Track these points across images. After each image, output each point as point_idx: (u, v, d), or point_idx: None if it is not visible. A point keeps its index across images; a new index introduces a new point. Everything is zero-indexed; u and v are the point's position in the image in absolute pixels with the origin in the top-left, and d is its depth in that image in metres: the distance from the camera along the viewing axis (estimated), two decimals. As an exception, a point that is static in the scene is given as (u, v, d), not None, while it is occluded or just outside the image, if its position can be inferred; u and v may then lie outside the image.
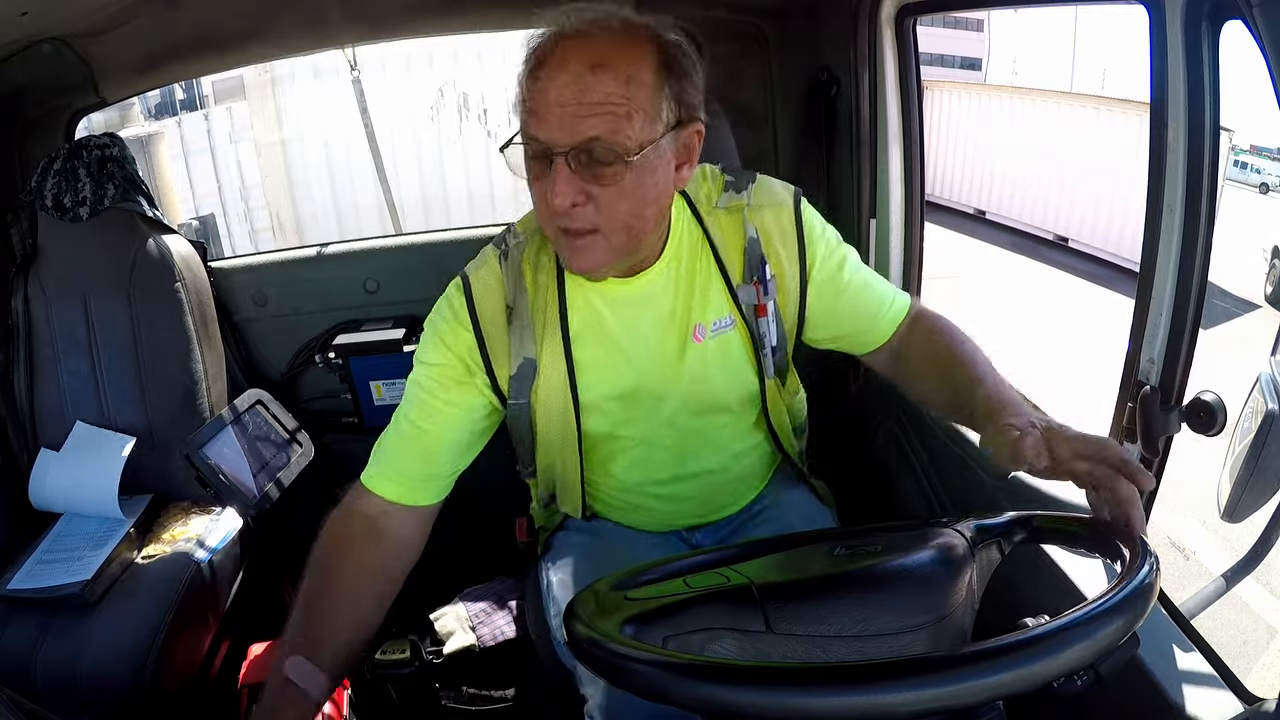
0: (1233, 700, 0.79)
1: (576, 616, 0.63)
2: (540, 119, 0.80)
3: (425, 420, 0.95)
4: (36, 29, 1.39)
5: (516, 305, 0.96)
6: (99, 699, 1.22)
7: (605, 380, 0.98)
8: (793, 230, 1.00)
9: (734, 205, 0.99)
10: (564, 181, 0.80)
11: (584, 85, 0.78)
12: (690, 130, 0.86)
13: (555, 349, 0.96)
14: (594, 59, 0.79)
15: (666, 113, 0.82)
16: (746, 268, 0.98)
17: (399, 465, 0.95)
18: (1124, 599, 0.59)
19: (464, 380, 0.96)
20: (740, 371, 1.02)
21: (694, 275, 0.98)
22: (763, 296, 0.97)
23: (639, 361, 0.98)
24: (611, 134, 0.79)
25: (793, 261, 1.00)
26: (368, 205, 5.51)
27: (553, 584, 1.07)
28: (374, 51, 5.40)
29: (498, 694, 1.32)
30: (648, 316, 0.97)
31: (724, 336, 0.99)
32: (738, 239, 0.98)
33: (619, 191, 0.82)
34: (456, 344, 0.96)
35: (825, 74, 1.61)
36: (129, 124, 5.96)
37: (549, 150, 0.80)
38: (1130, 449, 0.97)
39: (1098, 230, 7.56)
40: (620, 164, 0.80)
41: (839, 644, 0.66)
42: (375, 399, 1.80)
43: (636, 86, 0.80)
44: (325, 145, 5.92)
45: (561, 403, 0.98)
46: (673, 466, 1.06)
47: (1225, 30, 0.81)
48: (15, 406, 1.58)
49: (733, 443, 1.08)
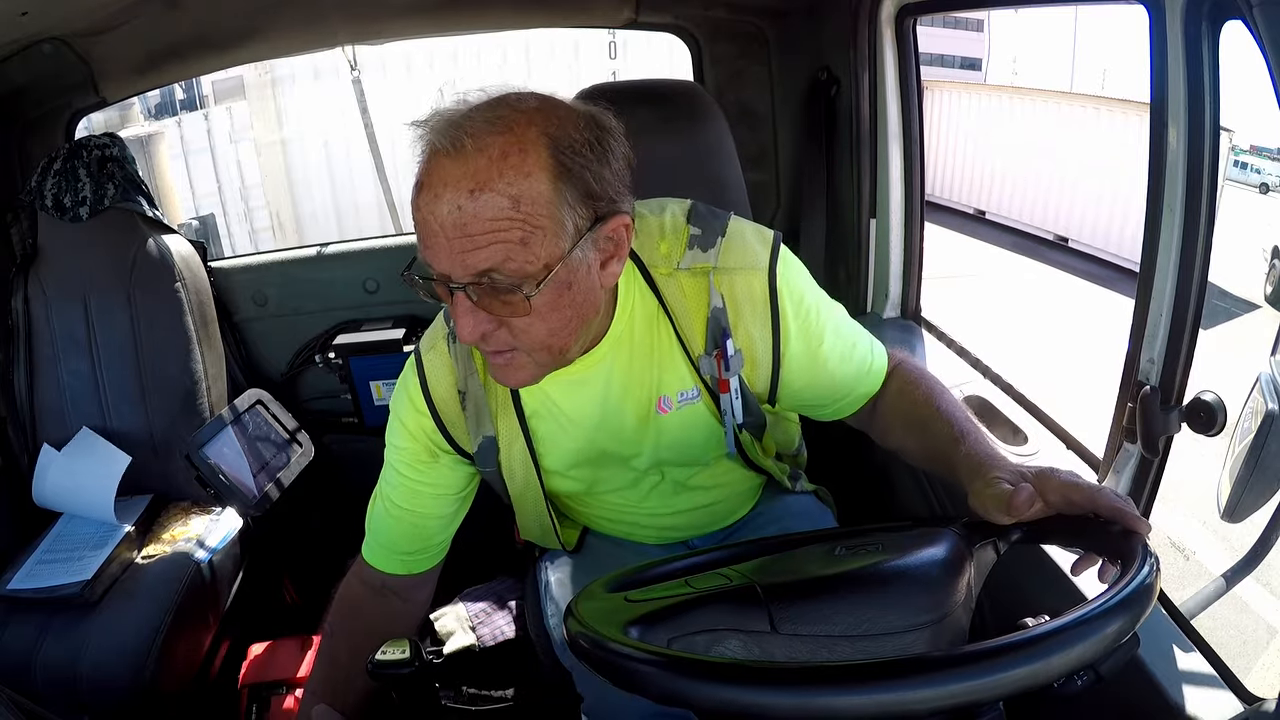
0: (1233, 700, 0.79)
1: (577, 619, 0.63)
2: (428, 248, 0.72)
3: (407, 502, 0.97)
4: (36, 29, 1.39)
5: (469, 388, 0.92)
6: (99, 699, 1.23)
7: (565, 451, 0.95)
8: (765, 301, 0.88)
9: (699, 267, 0.87)
10: (465, 315, 0.73)
11: (465, 215, 0.69)
12: (612, 224, 0.76)
13: (511, 425, 0.93)
14: (472, 183, 0.69)
15: (573, 220, 0.72)
16: (709, 339, 0.88)
17: (394, 546, 0.99)
18: (1124, 599, 0.59)
19: (431, 461, 0.95)
20: (711, 437, 0.95)
21: (651, 349, 0.89)
22: (724, 372, 0.87)
23: (598, 434, 0.94)
24: (506, 263, 0.70)
25: (764, 334, 0.89)
26: (368, 205, 5.52)
27: (551, 584, 1.07)
28: (374, 52, 5.41)
29: (498, 694, 1.32)
30: (597, 396, 0.91)
31: (691, 408, 0.92)
32: (700, 306, 0.87)
33: (531, 318, 0.75)
34: (417, 430, 0.94)
35: (825, 74, 1.61)
36: (129, 124, 5.96)
37: (445, 280, 0.73)
38: (1130, 449, 0.97)
39: (1098, 230, 7.55)
40: (522, 292, 0.72)
41: (844, 644, 0.66)
42: (375, 399, 1.80)
43: (528, 204, 0.70)
44: (325, 145, 5.93)
45: (524, 474, 0.97)
46: (657, 507, 1.04)
47: (1225, 30, 0.81)
48: (15, 406, 1.58)
49: (714, 483, 1.05)
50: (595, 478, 1.00)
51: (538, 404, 0.93)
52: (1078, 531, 0.75)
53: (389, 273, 1.82)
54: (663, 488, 1.02)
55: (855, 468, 1.40)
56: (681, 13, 1.71)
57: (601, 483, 1.00)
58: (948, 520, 0.78)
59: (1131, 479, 0.98)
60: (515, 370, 0.80)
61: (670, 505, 1.04)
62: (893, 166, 1.55)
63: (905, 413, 0.95)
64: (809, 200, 1.65)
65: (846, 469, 1.36)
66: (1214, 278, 0.90)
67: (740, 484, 1.09)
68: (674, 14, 1.71)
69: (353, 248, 1.85)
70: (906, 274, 1.61)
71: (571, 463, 0.97)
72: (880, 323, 1.61)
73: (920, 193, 1.56)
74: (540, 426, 0.94)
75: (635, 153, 0.79)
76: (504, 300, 0.73)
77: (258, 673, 1.32)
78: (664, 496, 1.03)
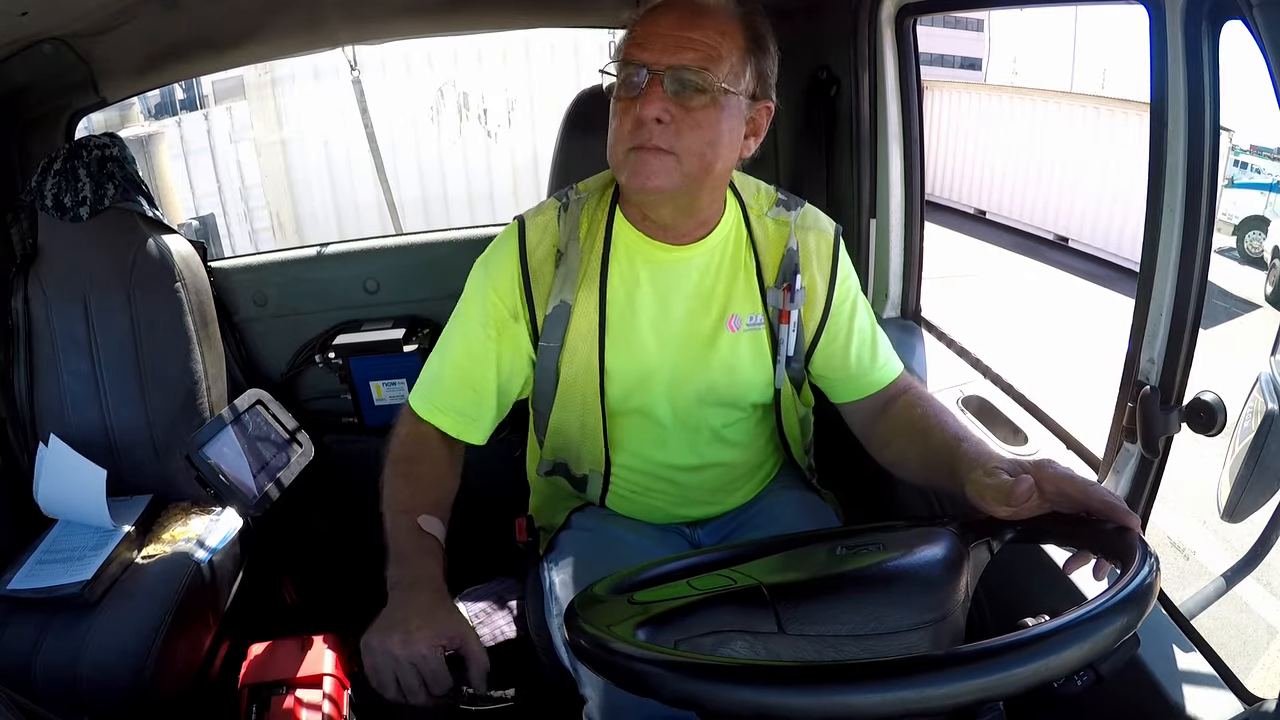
0: (1233, 700, 0.79)
1: (583, 622, 0.63)
2: (643, 46, 0.90)
3: (472, 360, 1.03)
4: (36, 29, 1.39)
5: (567, 251, 1.02)
6: (99, 699, 1.22)
7: (633, 347, 1.03)
8: (829, 257, 1.06)
9: (782, 219, 1.06)
10: (655, 96, 0.88)
11: (688, 23, 0.89)
12: (761, 106, 0.95)
13: (591, 298, 1.01)
14: (699, 9, 0.90)
15: (748, 78, 0.92)
16: (780, 274, 1.04)
17: (452, 402, 1.04)
18: (1124, 599, 0.59)
19: (508, 321, 1.03)
20: (763, 371, 1.06)
21: (734, 269, 1.04)
22: (788, 303, 1.03)
23: (667, 340, 1.03)
24: (703, 65, 0.88)
25: (824, 283, 1.06)
26: (368, 205, 5.52)
27: (555, 584, 1.07)
28: (374, 52, 5.40)
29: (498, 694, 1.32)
30: (681, 291, 1.02)
31: (753, 334, 1.05)
32: (779, 246, 1.05)
33: (699, 119, 0.89)
34: (505, 282, 1.02)
35: (825, 74, 1.61)
36: (129, 124, 5.97)
37: (647, 68, 0.89)
38: (1130, 449, 0.97)
39: (1098, 230, 7.55)
40: (706, 95, 0.89)
41: (850, 643, 0.66)
42: (375, 399, 1.80)
43: (729, 42, 0.89)
44: (325, 145, 5.92)
45: (586, 353, 1.03)
46: (685, 453, 1.09)
47: (1225, 30, 0.81)
48: (15, 406, 1.58)
49: (745, 440, 1.12)
50: (644, 398, 1.05)
51: (625, 285, 1.02)
52: (1071, 530, 0.75)
53: (389, 273, 1.82)
54: (699, 432, 1.08)
55: (857, 471, 1.40)
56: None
57: (648, 408, 1.06)
58: (944, 520, 0.79)
59: (1131, 479, 0.98)
60: (662, 170, 0.91)
61: (698, 456, 1.10)
62: (893, 166, 1.55)
63: (910, 423, 1.03)
64: (809, 200, 1.64)
65: (849, 473, 1.36)
66: (1214, 278, 0.90)
67: (763, 452, 1.15)
68: None
69: (353, 248, 1.85)
70: (906, 274, 1.61)
71: (633, 364, 1.03)
72: (880, 323, 1.60)
73: (920, 193, 1.56)
74: (616, 314, 1.02)
75: None
76: (685, 97, 0.89)
77: (258, 673, 1.32)
78: (695, 446, 1.09)
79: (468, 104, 5.94)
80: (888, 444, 1.06)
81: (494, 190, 6.03)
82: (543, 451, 1.15)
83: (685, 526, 1.17)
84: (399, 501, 0.96)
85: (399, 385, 1.78)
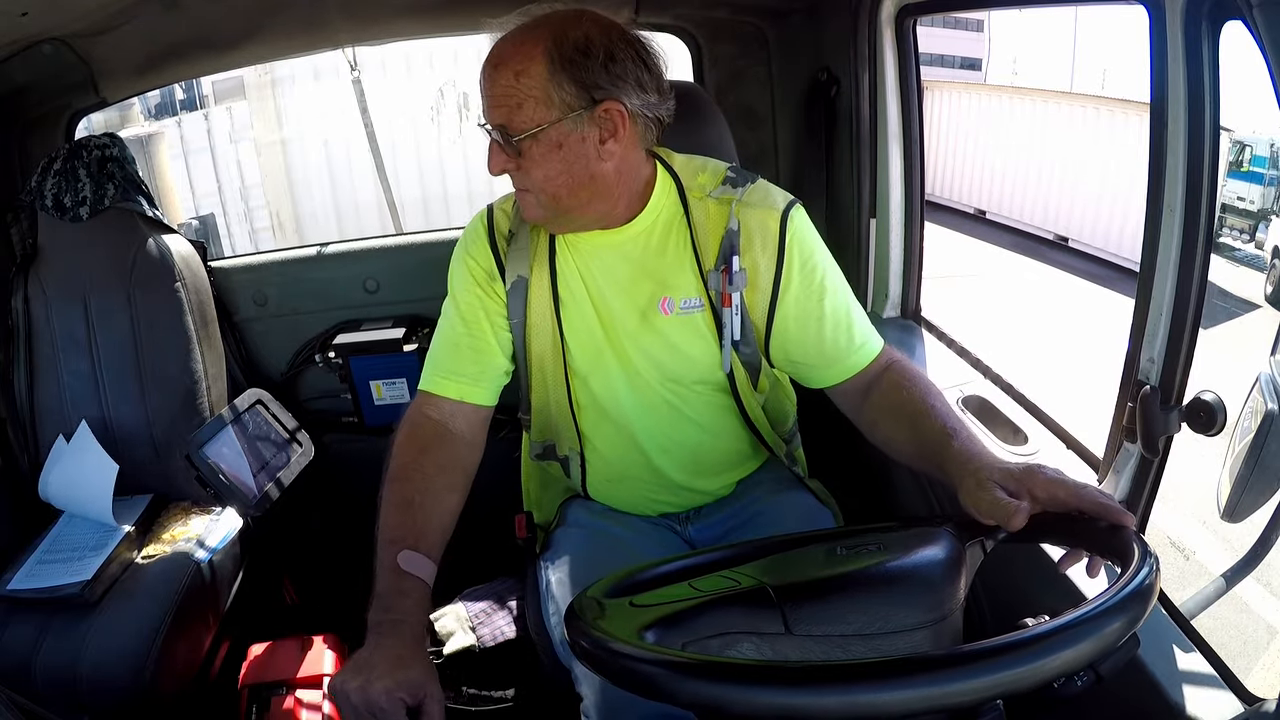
0: (1233, 700, 0.79)
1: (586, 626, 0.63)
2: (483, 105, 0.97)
3: (469, 325, 1.08)
4: (36, 29, 1.39)
5: (518, 231, 1.09)
6: (99, 699, 1.22)
7: (584, 318, 1.07)
8: (775, 236, 1.03)
9: (725, 198, 1.05)
10: (492, 154, 0.97)
11: (489, 78, 0.94)
12: (602, 109, 0.95)
13: (542, 273, 1.07)
14: (495, 60, 0.94)
15: (564, 97, 0.93)
16: (720, 257, 1.03)
17: (455, 367, 1.07)
18: (1124, 599, 0.59)
19: (488, 287, 1.09)
20: (707, 354, 1.07)
21: (665, 248, 1.05)
22: (727, 286, 1.02)
23: (608, 316, 1.07)
24: (508, 119, 0.94)
25: (769, 265, 1.04)
26: (368, 205, 5.51)
27: (551, 583, 1.08)
28: (374, 52, 5.40)
29: (498, 694, 1.32)
30: (614, 270, 1.06)
31: (692, 317, 1.05)
32: (718, 228, 1.04)
33: (533, 159, 0.95)
34: (479, 254, 1.09)
35: (825, 74, 1.61)
36: (129, 124, 5.96)
37: (486, 129, 0.96)
38: (1130, 449, 0.97)
39: (1097, 230, 7.55)
40: (524, 141, 0.94)
41: (857, 642, 0.66)
42: (375, 399, 1.80)
43: (527, 80, 0.92)
44: (325, 145, 5.93)
45: (549, 327, 1.07)
46: (650, 431, 1.12)
47: (1225, 30, 0.81)
48: (15, 406, 1.58)
49: (707, 421, 1.13)
50: (602, 373, 1.09)
51: (569, 263, 1.07)
52: (1067, 529, 0.76)
53: (389, 273, 1.82)
54: (659, 409, 1.10)
55: (853, 468, 1.40)
56: (681, 13, 1.71)
57: (606, 383, 1.09)
58: (939, 519, 0.79)
59: (1131, 479, 0.98)
60: (527, 206, 1.00)
61: (663, 435, 1.12)
62: (893, 166, 1.55)
63: (897, 405, 1.01)
64: (809, 200, 1.64)
65: (844, 470, 1.36)
66: (1214, 278, 0.90)
67: (732, 436, 1.15)
68: (674, 14, 1.71)
69: (353, 248, 1.85)
70: (906, 274, 1.61)
71: (587, 338, 1.07)
72: (880, 322, 1.61)
73: (920, 193, 1.56)
74: (566, 291, 1.07)
75: None
76: (508, 146, 0.95)
77: (258, 673, 1.32)
78: (661, 421, 1.11)
79: (468, 104, 5.94)
80: (875, 424, 1.04)
81: (494, 190, 6.00)
82: (531, 434, 1.19)
83: (674, 522, 1.17)
84: (387, 530, 0.94)
85: (399, 385, 1.78)
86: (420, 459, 1.00)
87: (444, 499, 0.99)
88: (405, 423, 1.05)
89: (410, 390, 1.78)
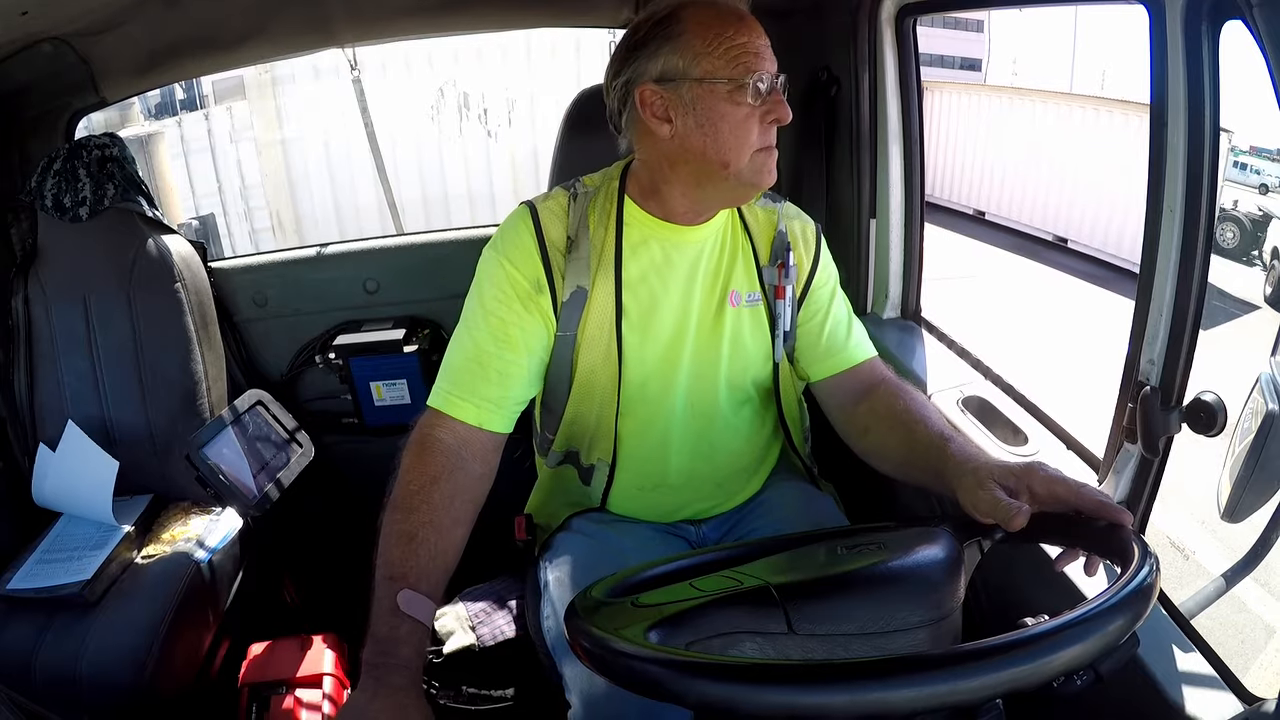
0: (1233, 700, 0.79)
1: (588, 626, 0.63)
2: (761, 59, 0.94)
3: (500, 344, 1.00)
4: (36, 29, 1.39)
5: (578, 238, 1.03)
6: (99, 699, 1.22)
7: (650, 326, 1.05)
8: (814, 242, 1.14)
9: (769, 209, 1.13)
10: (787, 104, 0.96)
11: (754, 32, 0.95)
12: None
13: (607, 283, 1.03)
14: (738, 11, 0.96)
15: None
16: (774, 253, 1.10)
17: (476, 389, 0.98)
18: (1124, 599, 0.60)
19: (531, 301, 1.01)
20: (762, 346, 1.11)
21: (731, 249, 1.09)
22: (783, 279, 1.08)
23: (685, 317, 1.06)
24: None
25: (809, 265, 1.13)
26: (368, 205, 5.52)
27: (550, 584, 1.07)
28: (374, 52, 5.40)
29: (497, 694, 1.32)
30: (694, 267, 1.06)
31: (754, 309, 1.10)
32: (769, 230, 1.11)
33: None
34: (523, 257, 1.01)
35: (825, 74, 1.61)
36: (129, 124, 5.96)
37: (773, 81, 0.95)
38: (1130, 449, 0.97)
39: (1097, 231, 7.56)
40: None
41: (859, 641, 0.66)
42: (375, 399, 1.80)
43: None
44: (325, 145, 5.92)
45: (606, 339, 1.03)
46: (694, 441, 1.11)
47: (1225, 30, 0.81)
48: (15, 406, 1.58)
49: (750, 430, 1.15)
50: (661, 383, 1.07)
51: (641, 271, 1.04)
52: (1065, 528, 0.76)
53: (389, 273, 1.82)
54: (708, 413, 1.11)
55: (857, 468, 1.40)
56: (682, 13, 1.70)
57: (663, 395, 1.08)
58: (937, 519, 0.79)
59: (1131, 479, 0.98)
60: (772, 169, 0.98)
61: (706, 444, 1.12)
62: (893, 167, 1.55)
63: (892, 413, 1.04)
64: (809, 201, 1.65)
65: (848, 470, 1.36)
66: (1214, 278, 0.90)
67: (766, 441, 1.18)
68: None
69: (353, 248, 1.85)
70: (906, 274, 1.61)
71: (652, 349, 1.05)
72: (880, 323, 1.61)
73: (920, 193, 1.56)
74: (633, 300, 1.04)
75: None
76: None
77: (258, 673, 1.32)
78: (704, 433, 1.11)
79: (468, 103, 5.94)
80: (867, 430, 1.07)
81: (494, 190, 6.03)
82: (554, 443, 1.14)
83: (688, 524, 1.17)
84: (388, 565, 0.87)
85: (399, 386, 1.78)
86: (429, 489, 0.92)
87: (449, 534, 0.92)
88: (414, 443, 0.96)
89: (410, 391, 1.78)
